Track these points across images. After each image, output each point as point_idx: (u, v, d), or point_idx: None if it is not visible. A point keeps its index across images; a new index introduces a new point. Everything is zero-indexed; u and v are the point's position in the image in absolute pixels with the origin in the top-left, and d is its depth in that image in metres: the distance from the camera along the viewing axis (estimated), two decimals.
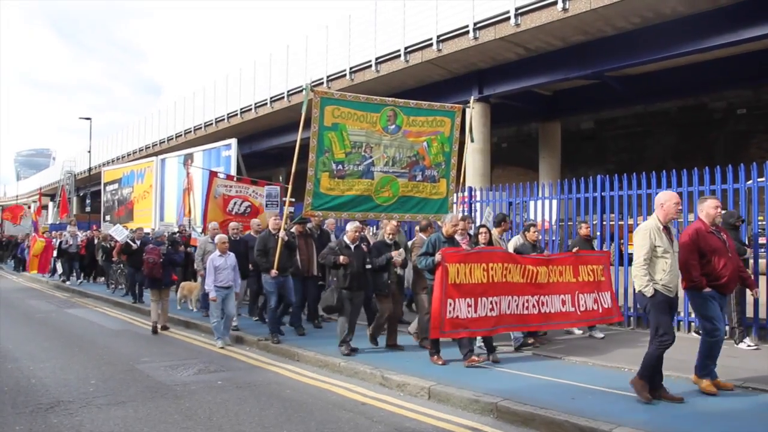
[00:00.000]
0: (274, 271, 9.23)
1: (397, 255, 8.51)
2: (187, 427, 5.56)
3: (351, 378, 7.41)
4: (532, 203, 11.60)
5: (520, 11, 14.72)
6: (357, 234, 8.61)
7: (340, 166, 9.39)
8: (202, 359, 8.59)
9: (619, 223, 10.62)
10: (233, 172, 17.71)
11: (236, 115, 26.29)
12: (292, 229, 10.04)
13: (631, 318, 10.05)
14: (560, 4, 13.73)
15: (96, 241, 19.71)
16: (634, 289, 6.57)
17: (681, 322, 9.34)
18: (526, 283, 8.02)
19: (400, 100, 10.08)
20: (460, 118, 10.47)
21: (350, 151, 9.47)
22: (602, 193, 10.39)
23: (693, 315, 8.42)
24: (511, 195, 11.88)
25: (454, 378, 6.85)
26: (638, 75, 17.85)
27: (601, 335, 9.21)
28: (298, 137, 9.52)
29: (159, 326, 10.89)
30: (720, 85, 18.69)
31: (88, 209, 40.63)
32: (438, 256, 7.37)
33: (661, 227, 5.87)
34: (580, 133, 24.21)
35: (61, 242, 20.24)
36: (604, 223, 10.65)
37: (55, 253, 20.84)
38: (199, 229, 15.80)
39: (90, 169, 41.13)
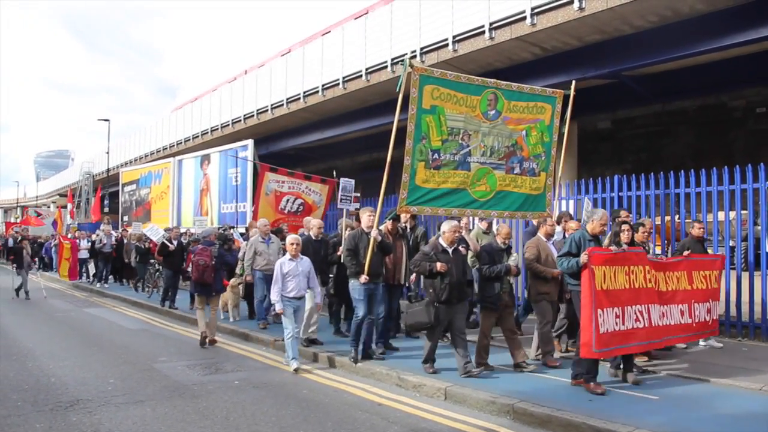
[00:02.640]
0: (364, 277, 7.80)
1: (513, 261, 7.50)
2: (204, 426, 5.60)
3: (367, 378, 7.42)
4: None
5: (536, 11, 14.62)
6: (456, 235, 7.25)
7: (436, 155, 8.14)
8: (218, 359, 8.65)
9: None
10: (249, 173, 17.78)
11: (252, 116, 26.37)
12: (381, 227, 8.43)
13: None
14: (576, 3, 13.63)
15: (125, 242, 19.09)
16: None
17: None
18: (658, 290, 6.92)
19: (501, 81, 8.79)
20: (561, 105, 9.26)
21: (447, 138, 8.20)
22: (619, 193, 10.33)
23: None
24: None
25: (471, 379, 6.84)
26: (656, 74, 17.66)
27: (720, 345, 8.49)
28: (395, 119, 8.09)
29: (207, 338, 9.66)
30: (739, 83, 18.44)
31: (106, 210, 40.98)
32: (584, 257, 6.32)
33: None
34: (597, 132, 24.03)
35: (94, 242, 19.68)
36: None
37: (87, 255, 20.17)
38: (241, 229, 15.31)
39: (108, 170, 41.52)
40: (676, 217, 9.96)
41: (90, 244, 19.93)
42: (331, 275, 9.84)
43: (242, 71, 32.61)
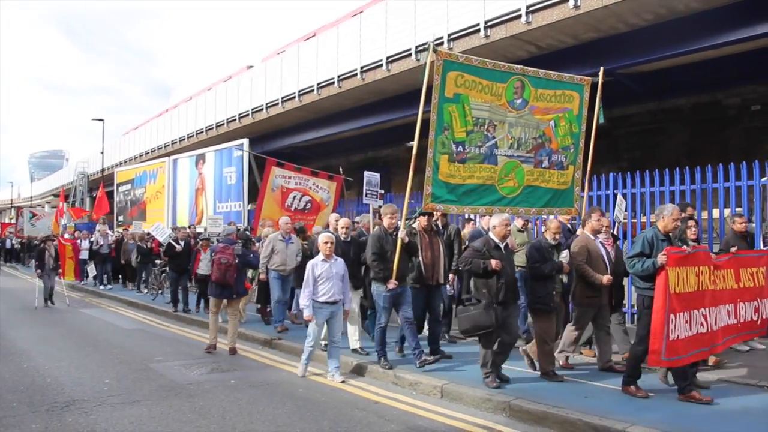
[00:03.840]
0: (393, 282, 7.25)
1: (565, 258, 6.93)
2: (200, 425, 5.59)
3: (364, 377, 7.42)
4: None
5: (531, 9, 14.63)
6: (507, 230, 6.70)
7: (460, 148, 7.50)
8: (215, 358, 8.63)
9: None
10: (245, 172, 17.74)
11: (248, 115, 26.34)
12: (414, 225, 7.87)
13: None
14: (572, 2, 13.64)
15: (124, 241, 18.75)
16: None
17: None
18: (713, 291, 6.39)
19: (528, 68, 8.14)
20: (589, 93, 8.71)
21: (472, 129, 7.54)
22: (615, 191, 10.34)
23: None
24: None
25: (467, 376, 6.84)
26: (651, 72, 17.69)
27: (762, 347, 8.02)
28: (420, 111, 7.47)
29: (228, 347, 8.91)
30: (734, 81, 18.50)
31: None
32: (662, 258, 5.81)
33: None
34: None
35: (91, 243, 19.17)
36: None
37: (86, 255, 19.42)
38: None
39: (103, 170, 41.40)
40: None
41: (90, 244, 19.41)
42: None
43: (237, 70, 32.56)
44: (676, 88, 19.08)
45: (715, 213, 9.93)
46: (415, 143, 7.54)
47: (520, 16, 14.89)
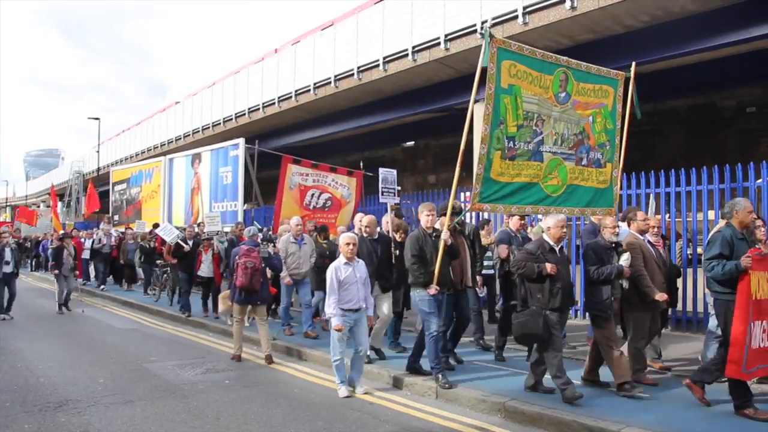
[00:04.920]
0: (434, 287, 6.67)
1: (626, 261, 6.36)
2: (194, 426, 5.57)
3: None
4: None
5: (527, 10, 14.66)
6: (563, 231, 6.27)
7: (511, 143, 6.97)
8: (209, 358, 8.60)
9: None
10: (241, 171, 17.69)
11: (244, 114, 26.32)
12: (436, 225, 7.17)
13: None
14: (568, 3, 13.68)
15: (123, 240, 18.25)
16: None
17: None
18: None
19: (572, 60, 7.66)
20: (623, 88, 8.28)
21: (522, 123, 7.05)
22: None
23: None
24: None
25: (462, 377, 6.84)
26: (647, 73, 17.71)
27: None
28: (471, 100, 6.84)
29: (265, 354, 8.29)
30: (730, 83, 18.57)
31: (97, 209, 40.69)
32: (746, 261, 5.31)
33: None
34: None
35: (93, 242, 18.57)
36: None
37: (88, 255, 18.93)
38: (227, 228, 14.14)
39: (98, 169, 41.32)
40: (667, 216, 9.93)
41: (92, 243, 18.91)
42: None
43: (234, 69, 32.50)
44: (673, 90, 19.14)
45: (710, 215, 9.93)
46: (464, 136, 6.88)
47: (516, 17, 14.93)
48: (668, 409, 5.66)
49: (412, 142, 30.16)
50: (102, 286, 18.05)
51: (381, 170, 9.38)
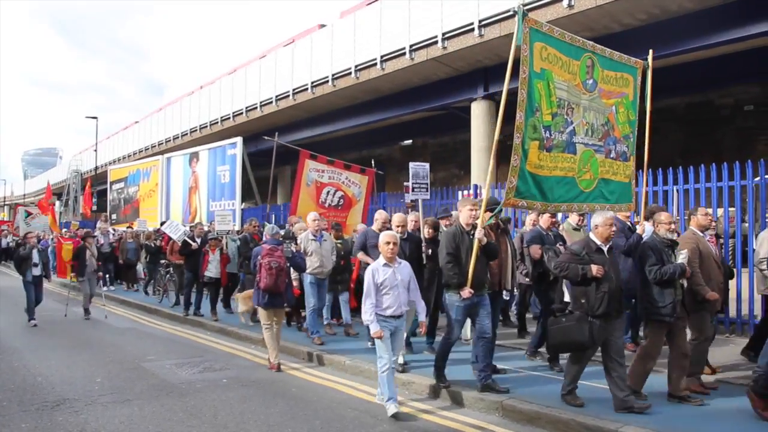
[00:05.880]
0: (468, 290, 6.17)
1: (684, 259, 5.84)
2: (192, 425, 5.56)
3: (356, 376, 7.40)
4: None
5: (526, 8, 14.64)
6: (612, 230, 5.79)
7: (547, 133, 6.42)
8: (207, 357, 8.59)
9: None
10: (238, 170, 17.69)
11: (242, 113, 26.31)
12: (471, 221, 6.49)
13: None
14: (566, 1, 13.67)
15: (122, 240, 17.98)
16: None
17: None
18: None
19: (597, 45, 7.14)
20: (641, 78, 7.82)
21: (556, 111, 6.51)
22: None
23: None
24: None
25: (460, 376, 6.83)
26: (644, 71, 17.80)
27: None
28: (505, 87, 6.27)
29: (277, 363, 7.83)
30: (727, 81, 18.58)
31: (94, 208, 40.73)
32: None
33: None
34: None
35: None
36: None
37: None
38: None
39: (96, 168, 41.26)
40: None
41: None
42: None
43: (231, 68, 32.48)
44: (670, 88, 19.11)
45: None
46: (497, 127, 6.41)
47: (514, 15, 14.90)
48: (666, 409, 5.65)
49: (410, 141, 30.15)
50: (105, 288, 16.99)
51: (412, 165, 8.85)
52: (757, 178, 8.83)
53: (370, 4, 20.56)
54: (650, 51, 8.18)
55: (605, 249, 5.71)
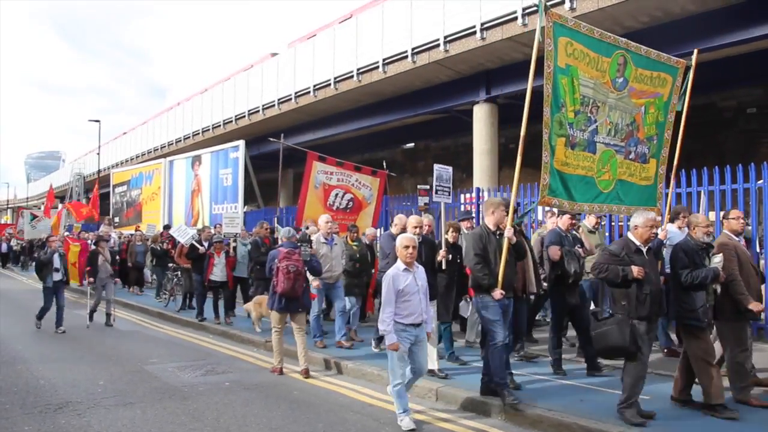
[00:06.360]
0: (499, 291, 6.01)
1: (719, 262, 5.66)
2: (194, 428, 5.56)
3: (358, 379, 7.39)
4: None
5: (527, 11, 14.65)
6: (652, 232, 5.61)
7: (572, 131, 6.35)
8: (209, 360, 8.59)
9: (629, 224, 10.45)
10: (241, 173, 17.70)
11: (244, 116, 26.33)
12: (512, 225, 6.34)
13: None
14: (568, 4, 13.67)
15: (131, 242, 17.80)
16: None
17: None
18: None
19: (631, 42, 6.98)
20: (682, 79, 7.61)
21: (579, 109, 6.40)
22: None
23: None
24: (518, 196, 11.60)
25: (462, 379, 6.82)
26: None
27: None
28: (529, 84, 6.10)
29: (301, 369, 7.57)
30: (730, 83, 18.54)
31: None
32: None
33: None
34: None
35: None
36: (613, 224, 10.57)
37: None
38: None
39: (99, 171, 41.31)
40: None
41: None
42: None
43: (233, 72, 32.54)
44: None
45: (711, 216, 9.93)
46: (524, 125, 6.16)
47: (516, 18, 14.92)
48: (671, 414, 5.64)
49: (412, 144, 30.14)
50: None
51: (436, 167, 8.55)
52: (761, 181, 8.81)
53: (375, 5, 20.59)
54: (695, 50, 8.04)
55: (644, 250, 5.53)
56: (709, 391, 5.52)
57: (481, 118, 18.66)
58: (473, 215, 8.26)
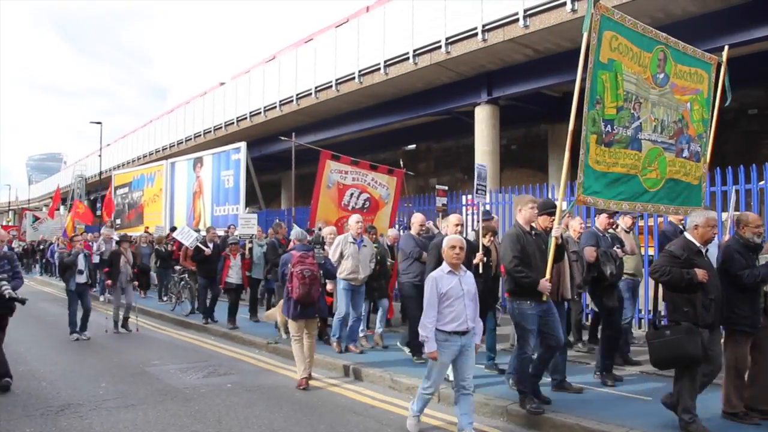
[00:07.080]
0: (546, 282, 5.73)
1: None
2: (196, 430, 5.56)
3: (360, 381, 7.39)
4: None
5: (528, 13, 14.67)
6: (714, 233, 5.31)
7: (609, 127, 6.08)
8: (211, 362, 8.59)
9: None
10: (242, 175, 17.72)
11: (245, 118, 26.37)
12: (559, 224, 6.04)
13: None
14: (569, 5, 13.68)
15: (137, 244, 16.82)
16: None
17: None
18: None
19: (670, 37, 6.80)
20: (714, 75, 7.44)
21: (622, 105, 6.16)
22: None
23: None
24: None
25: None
26: None
27: None
28: (578, 77, 5.86)
29: (300, 378, 7.23)
30: (731, 85, 18.57)
31: (98, 213, 40.86)
32: None
33: None
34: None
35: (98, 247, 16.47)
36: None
37: (97, 260, 16.57)
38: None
39: (101, 173, 41.37)
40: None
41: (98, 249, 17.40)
42: None
43: (234, 74, 32.57)
44: None
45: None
46: (572, 118, 5.89)
47: (517, 20, 14.93)
48: (672, 412, 5.63)
49: (414, 145, 30.17)
50: (102, 296, 16.94)
51: (477, 165, 8.30)
52: (762, 182, 8.81)
53: (377, 7, 20.61)
54: (725, 47, 7.89)
55: (704, 250, 5.24)
56: (732, 400, 5.40)
57: (483, 119, 18.67)
58: (494, 215, 8.14)
